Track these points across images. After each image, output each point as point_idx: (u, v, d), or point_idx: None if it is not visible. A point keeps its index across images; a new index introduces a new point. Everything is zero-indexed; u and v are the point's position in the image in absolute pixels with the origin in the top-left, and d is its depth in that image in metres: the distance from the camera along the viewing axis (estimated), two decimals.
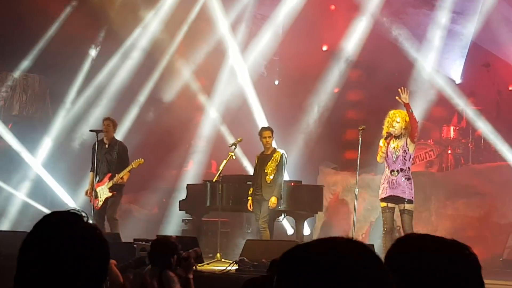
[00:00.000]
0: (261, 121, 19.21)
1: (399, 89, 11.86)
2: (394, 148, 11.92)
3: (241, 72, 20.25)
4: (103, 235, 2.52)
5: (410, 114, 11.79)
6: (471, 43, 19.25)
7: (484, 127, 17.73)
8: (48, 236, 2.43)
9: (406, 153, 11.89)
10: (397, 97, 11.91)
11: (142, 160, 14.13)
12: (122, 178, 14.02)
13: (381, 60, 19.14)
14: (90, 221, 2.54)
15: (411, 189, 11.91)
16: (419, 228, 15.64)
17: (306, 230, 16.00)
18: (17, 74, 19.76)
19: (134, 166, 14.04)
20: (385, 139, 11.98)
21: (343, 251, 2.09)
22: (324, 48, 21.38)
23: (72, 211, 2.54)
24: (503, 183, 15.76)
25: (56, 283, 2.38)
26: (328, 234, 16.85)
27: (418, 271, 2.54)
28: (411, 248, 2.62)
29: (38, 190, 18.76)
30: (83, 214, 2.54)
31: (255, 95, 19.99)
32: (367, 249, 2.12)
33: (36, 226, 2.49)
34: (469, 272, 2.60)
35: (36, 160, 19.04)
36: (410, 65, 18.96)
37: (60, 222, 2.48)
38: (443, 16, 19.03)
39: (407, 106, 11.75)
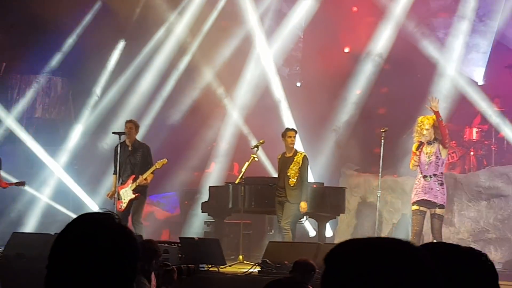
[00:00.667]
0: (287, 122, 19.15)
1: (429, 98, 11.92)
2: (427, 154, 12.01)
3: (269, 71, 20.21)
4: (133, 234, 2.54)
5: (440, 122, 11.84)
6: (494, 43, 19.15)
7: (507, 129, 17.64)
8: (80, 236, 2.45)
9: (439, 159, 11.99)
10: (427, 106, 11.96)
11: (166, 160, 14.11)
12: (145, 179, 13.99)
13: (405, 63, 19.07)
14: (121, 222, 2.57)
15: (444, 194, 12.02)
16: (442, 230, 15.58)
17: (328, 232, 16.00)
18: (40, 77, 19.88)
19: (158, 167, 14.02)
20: (417, 149, 12.03)
21: (398, 250, 2.08)
22: (346, 50, 21.30)
23: (104, 211, 2.57)
24: None
25: (88, 282, 2.39)
26: (351, 236, 16.83)
27: None
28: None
29: (61, 193, 18.84)
30: (114, 215, 2.57)
31: (282, 95, 20.00)
32: (419, 249, 2.12)
33: (68, 226, 2.51)
34: (486, 281, 2.56)
35: (59, 162, 19.11)
36: (434, 67, 18.84)
37: (91, 222, 2.50)
38: (466, 19, 18.91)
39: (437, 115, 11.80)
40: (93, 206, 18.32)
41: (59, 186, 18.91)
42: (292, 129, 14.13)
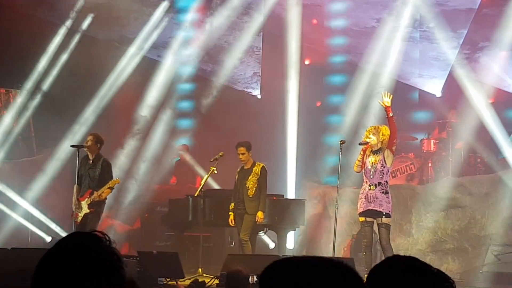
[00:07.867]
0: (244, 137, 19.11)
1: (382, 93, 12.00)
2: (372, 162, 11.99)
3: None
4: (122, 260, 2.53)
5: (390, 118, 11.85)
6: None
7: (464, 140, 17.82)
8: (66, 257, 2.45)
9: (384, 167, 11.94)
10: (378, 101, 12.02)
11: (118, 180, 14.01)
12: (100, 195, 13.80)
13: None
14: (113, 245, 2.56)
15: (389, 202, 11.96)
16: (400, 241, 15.73)
17: (290, 244, 16.02)
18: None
19: (110, 185, 13.84)
20: (360, 143, 12.09)
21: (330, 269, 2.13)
22: (307, 62, 21.33)
23: (94, 233, 2.56)
24: (482, 195, 15.86)
25: None
26: (311, 248, 16.90)
27: None
28: (395, 272, 2.57)
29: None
30: (106, 237, 2.56)
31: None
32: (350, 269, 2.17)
33: (56, 246, 2.51)
34: None
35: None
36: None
37: (79, 243, 2.51)
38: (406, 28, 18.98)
39: (387, 110, 11.82)
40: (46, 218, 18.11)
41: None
42: (241, 145, 13.92)
